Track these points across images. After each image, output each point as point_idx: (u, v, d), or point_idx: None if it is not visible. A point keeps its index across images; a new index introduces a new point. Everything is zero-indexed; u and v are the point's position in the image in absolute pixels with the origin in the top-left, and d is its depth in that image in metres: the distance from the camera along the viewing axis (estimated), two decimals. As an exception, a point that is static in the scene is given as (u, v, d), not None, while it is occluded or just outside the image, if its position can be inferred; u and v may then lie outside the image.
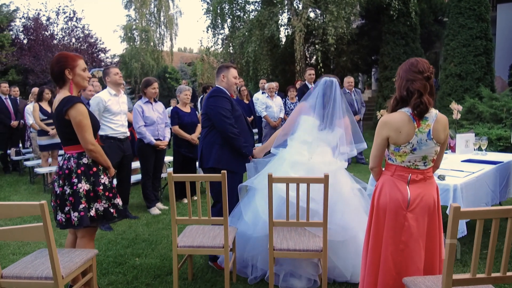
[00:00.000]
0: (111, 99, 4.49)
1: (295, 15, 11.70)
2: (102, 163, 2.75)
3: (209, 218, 2.74)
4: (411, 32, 12.13)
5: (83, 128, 2.57)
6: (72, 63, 2.64)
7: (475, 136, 4.77)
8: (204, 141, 3.49)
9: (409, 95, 2.13)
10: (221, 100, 3.40)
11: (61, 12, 22.18)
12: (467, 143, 4.68)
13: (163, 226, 4.58)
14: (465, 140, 4.68)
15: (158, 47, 30.18)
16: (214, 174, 2.66)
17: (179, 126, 5.42)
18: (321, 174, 3.12)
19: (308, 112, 3.26)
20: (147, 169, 5.11)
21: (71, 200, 2.60)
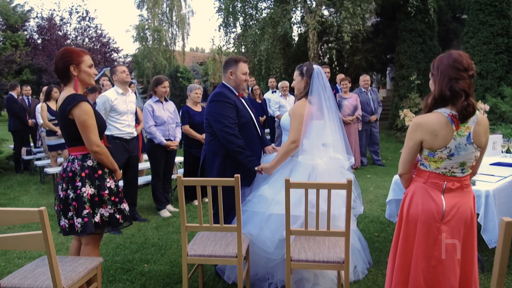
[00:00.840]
0: (118, 98, 4.33)
1: (308, 12, 11.45)
2: (108, 165, 2.58)
3: (221, 225, 2.55)
4: (428, 29, 11.77)
5: (88, 129, 2.40)
6: (78, 58, 2.48)
7: (502, 137, 4.49)
8: (207, 148, 3.18)
9: (453, 96, 1.89)
10: (223, 106, 3.01)
11: (74, 12, 22.33)
12: (494, 145, 4.40)
13: (173, 230, 4.41)
14: (492, 141, 4.39)
15: (170, 47, 30.21)
16: (227, 178, 2.46)
17: (189, 126, 5.26)
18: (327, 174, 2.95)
19: (320, 116, 3.01)
20: (157, 170, 4.96)
21: (75, 205, 2.43)
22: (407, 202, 2.05)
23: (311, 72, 3.04)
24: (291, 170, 2.95)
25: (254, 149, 3.15)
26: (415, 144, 1.99)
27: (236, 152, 2.98)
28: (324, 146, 3.00)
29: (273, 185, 2.88)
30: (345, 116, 7.05)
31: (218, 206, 2.51)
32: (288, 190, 2.38)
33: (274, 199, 2.75)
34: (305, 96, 3.04)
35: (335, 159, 2.96)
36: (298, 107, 3.00)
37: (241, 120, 3.08)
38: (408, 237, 2.01)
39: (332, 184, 2.39)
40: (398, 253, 2.05)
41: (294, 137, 2.94)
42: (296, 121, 2.96)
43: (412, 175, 2.13)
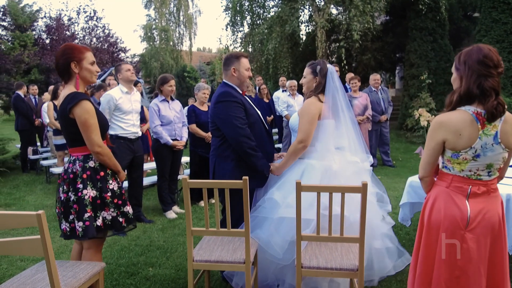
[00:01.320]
0: (122, 97, 4.24)
1: (317, 11, 11.30)
2: (111, 166, 2.47)
3: (228, 229, 2.43)
4: (439, 28, 11.54)
5: (89, 128, 2.29)
6: (79, 55, 2.38)
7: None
8: (216, 153, 2.97)
9: (482, 94, 1.75)
10: (232, 106, 2.79)
11: (81, 12, 22.37)
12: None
13: (179, 232, 4.30)
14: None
15: (177, 47, 30.26)
16: (234, 181, 2.34)
17: (196, 125, 5.15)
18: (342, 177, 2.82)
19: (334, 118, 2.87)
20: (163, 170, 4.85)
21: (76, 208, 2.33)
22: (429, 207, 1.92)
23: (325, 72, 2.91)
24: (302, 173, 2.81)
25: (265, 148, 3.01)
26: (437, 145, 1.85)
27: (248, 155, 2.81)
28: (339, 149, 2.86)
29: (283, 187, 2.76)
30: (355, 116, 6.88)
31: (226, 209, 2.39)
32: (299, 193, 2.25)
33: (284, 202, 2.63)
34: (315, 94, 2.90)
35: (352, 163, 2.82)
36: (307, 106, 2.86)
37: (250, 119, 2.91)
38: (430, 245, 1.88)
39: (346, 187, 2.26)
40: (419, 262, 1.91)
41: (302, 136, 2.80)
42: (305, 120, 2.82)
43: (433, 178, 1.99)
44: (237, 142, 2.81)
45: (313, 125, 2.80)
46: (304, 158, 2.90)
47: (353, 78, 7.18)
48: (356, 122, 2.98)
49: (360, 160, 2.88)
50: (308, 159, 2.88)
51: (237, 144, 2.82)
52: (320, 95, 2.88)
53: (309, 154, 2.89)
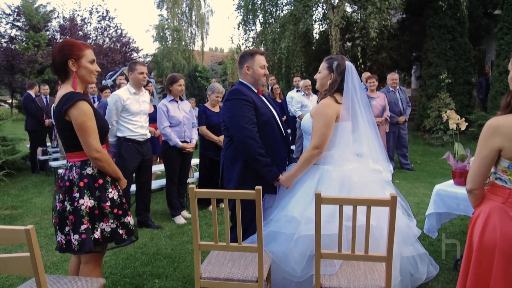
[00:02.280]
0: (130, 98, 4.04)
1: (331, 8, 10.99)
2: (111, 173, 2.26)
3: (239, 244, 2.19)
4: (458, 26, 11.11)
5: (86, 132, 2.08)
6: (78, 52, 2.17)
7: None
8: (225, 154, 2.81)
9: None
10: (240, 104, 2.62)
11: (94, 11, 22.43)
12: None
13: (187, 239, 4.09)
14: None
15: (189, 47, 30.23)
16: (246, 191, 2.10)
17: (206, 127, 4.93)
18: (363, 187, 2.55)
19: (352, 120, 2.60)
20: (172, 174, 4.65)
21: (71, 219, 2.12)
22: (480, 225, 1.64)
23: (342, 69, 2.64)
24: (318, 181, 2.55)
25: (278, 152, 2.76)
26: (490, 153, 1.58)
27: (253, 160, 2.60)
28: (358, 156, 2.60)
29: (301, 200, 2.50)
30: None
31: (236, 221, 2.16)
32: (319, 206, 2.01)
33: (304, 217, 2.37)
34: (331, 94, 2.64)
35: (374, 171, 2.56)
36: (323, 107, 2.60)
37: (261, 119, 2.69)
38: (482, 269, 1.61)
39: (373, 200, 2.00)
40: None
41: (318, 142, 2.54)
42: (320, 123, 2.56)
43: (484, 191, 1.71)
44: (242, 144, 2.61)
45: (329, 129, 2.54)
46: (319, 164, 2.64)
47: (371, 77, 6.88)
48: (376, 126, 2.71)
49: (382, 169, 2.61)
50: (323, 164, 2.62)
51: (242, 146, 2.62)
52: (336, 95, 2.61)
53: (324, 159, 2.63)
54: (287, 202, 2.58)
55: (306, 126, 2.70)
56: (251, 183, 2.65)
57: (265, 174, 2.61)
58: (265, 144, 2.67)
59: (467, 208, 3.03)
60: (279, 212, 2.59)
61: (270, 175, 2.61)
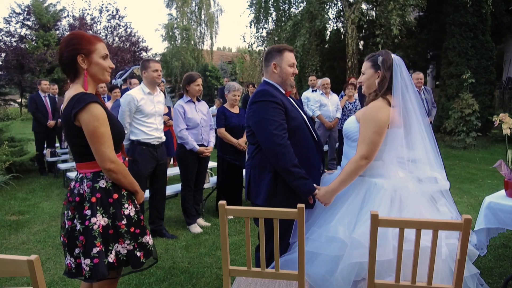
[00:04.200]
0: (144, 98, 3.74)
1: (347, 5, 10.62)
2: (127, 186, 1.96)
3: (276, 270, 1.87)
4: (480, 23, 10.64)
5: (99, 139, 1.78)
6: (88, 47, 1.87)
7: None
8: (252, 163, 2.47)
9: None
10: (268, 107, 2.31)
11: (104, 10, 22.30)
12: None
13: (205, 251, 3.78)
14: None
15: (199, 46, 30.06)
16: (287, 210, 1.78)
17: (225, 129, 4.63)
18: (419, 201, 2.23)
19: (404, 123, 2.27)
20: (188, 179, 4.34)
21: (82, 240, 1.82)
22: None
23: (390, 63, 2.31)
24: (364, 196, 2.22)
25: (312, 161, 2.43)
26: None
27: (285, 171, 2.26)
28: (412, 162, 2.27)
29: (344, 218, 2.16)
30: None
31: (274, 243, 1.84)
32: (375, 229, 1.68)
33: (351, 240, 2.03)
34: (382, 95, 2.31)
35: (430, 180, 2.22)
36: (374, 110, 2.26)
37: (292, 124, 2.36)
38: None
39: (442, 223, 1.66)
40: None
41: (367, 151, 2.20)
42: (371, 129, 2.22)
43: None
44: (272, 153, 2.28)
45: (381, 137, 2.21)
46: (364, 176, 2.31)
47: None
48: (431, 129, 2.37)
49: (440, 176, 2.27)
50: (370, 177, 2.29)
51: (272, 156, 2.29)
52: (389, 96, 2.28)
53: (371, 170, 2.29)
54: (328, 219, 2.25)
55: (350, 131, 2.37)
56: (283, 196, 2.35)
57: (299, 188, 2.28)
58: (297, 152, 2.35)
59: (525, 224, 2.69)
60: (317, 230, 2.26)
61: (305, 189, 2.28)
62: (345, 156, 2.43)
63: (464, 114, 9.19)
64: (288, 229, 2.32)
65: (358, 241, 1.99)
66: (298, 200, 2.29)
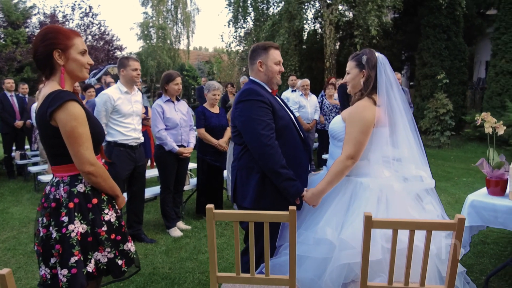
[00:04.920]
0: (121, 98, 3.59)
1: (325, 7, 10.68)
2: (107, 190, 1.84)
3: (266, 276, 1.80)
4: (453, 25, 10.94)
5: (77, 140, 1.66)
6: (65, 41, 1.75)
7: None
8: (238, 164, 2.39)
9: None
10: (255, 106, 2.24)
11: (76, 8, 21.64)
12: None
13: (186, 256, 3.67)
14: None
15: (175, 45, 29.70)
16: (278, 212, 1.72)
17: (205, 129, 4.52)
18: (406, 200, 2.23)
19: (390, 122, 2.25)
20: (167, 181, 4.21)
21: (59, 249, 1.69)
22: None
23: (374, 62, 2.28)
24: (351, 196, 2.19)
25: (300, 161, 2.37)
26: None
27: (272, 172, 2.20)
28: (398, 161, 2.25)
29: (332, 219, 2.12)
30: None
31: (265, 247, 1.77)
32: (368, 230, 1.63)
33: (340, 241, 1.99)
34: (368, 94, 2.28)
35: (416, 178, 2.21)
36: (360, 109, 2.23)
37: (279, 123, 2.30)
38: None
39: (435, 223, 1.63)
40: None
41: (353, 151, 2.17)
42: (357, 129, 2.19)
43: None
44: (259, 154, 2.21)
45: (368, 136, 2.18)
46: (350, 176, 2.27)
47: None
48: (416, 126, 2.36)
49: (426, 175, 2.26)
50: (356, 176, 2.26)
51: (259, 157, 2.22)
52: (374, 96, 2.25)
53: (356, 170, 2.26)
54: (315, 221, 2.20)
55: (336, 131, 2.32)
56: (271, 198, 2.28)
57: (286, 189, 2.21)
58: (285, 152, 2.28)
59: (507, 222, 2.72)
60: (304, 233, 2.21)
61: (293, 190, 2.21)
62: (331, 156, 2.39)
63: (439, 113, 9.40)
64: (274, 232, 2.26)
65: (346, 242, 1.94)
66: (286, 201, 2.23)
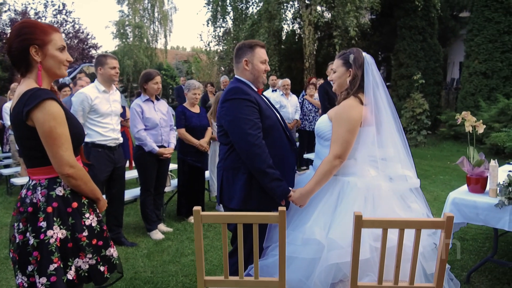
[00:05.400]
0: (99, 97, 3.48)
1: (304, 7, 10.73)
2: (88, 194, 1.76)
3: (256, 278, 1.76)
4: (429, 27, 11.22)
5: (56, 141, 1.57)
6: (42, 37, 1.65)
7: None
8: (224, 165, 2.33)
9: None
10: (242, 105, 2.20)
11: (49, 5, 21.00)
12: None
13: (169, 259, 3.58)
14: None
15: (152, 44, 29.29)
16: (268, 214, 1.68)
17: (185, 129, 4.44)
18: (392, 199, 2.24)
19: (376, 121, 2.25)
20: (147, 183, 4.11)
21: (37, 256, 1.60)
22: None
23: (361, 62, 2.28)
24: (338, 195, 2.18)
25: (287, 161, 2.35)
26: None
27: (259, 173, 2.15)
28: (384, 160, 2.25)
29: (320, 219, 2.10)
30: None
31: (254, 249, 1.73)
32: (359, 230, 1.62)
33: (328, 241, 1.97)
34: (354, 93, 2.27)
35: (401, 177, 2.22)
36: (346, 109, 2.22)
37: (266, 123, 2.26)
38: None
39: (424, 221, 1.64)
40: None
41: (340, 150, 2.16)
42: (344, 128, 2.18)
43: None
44: (246, 154, 2.17)
45: (355, 135, 2.17)
46: (338, 175, 2.26)
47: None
48: (401, 126, 2.37)
49: (411, 174, 2.28)
50: (343, 176, 2.25)
51: (246, 156, 2.17)
52: (361, 95, 2.25)
53: (343, 169, 2.25)
54: (303, 220, 2.17)
55: (323, 131, 2.31)
56: (258, 199, 2.24)
57: (274, 190, 2.17)
58: (272, 152, 2.25)
59: (488, 218, 2.78)
60: (292, 233, 2.18)
61: (279, 191, 2.18)
62: (317, 156, 2.37)
63: (415, 113, 9.59)
64: (262, 233, 2.22)
65: (335, 241, 1.93)
66: (273, 202, 2.20)
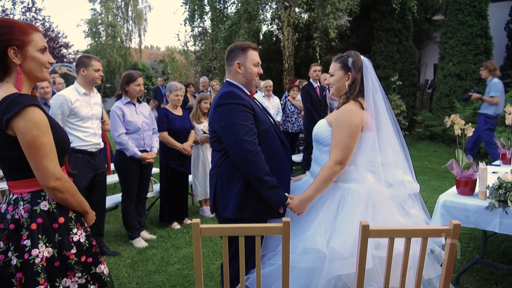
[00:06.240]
0: (79, 100, 3.30)
1: (283, 8, 10.71)
2: (75, 207, 1.63)
3: (256, 293, 1.67)
4: (404, 29, 11.44)
5: (40, 151, 1.44)
6: (22, 37, 1.51)
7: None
8: (218, 172, 2.23)
9: None
10: (236, 110, 2.11)
11: (18, 2, 20.17)
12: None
13: (154, 268, 3.44)
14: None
15: (126, 43, 28.64)
16: (271, 225, 1.60)
17: (168, 133, 4.30)
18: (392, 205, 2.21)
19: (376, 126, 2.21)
20: (129, 189, 3.95)
21: (20, 278, 1.46)
22: None
23: (360, 65, 2.23)
24: (339, 203, 2.12)
25: (282, 167, 2.27)
26: None
27: (256, 180, 2.07)
28: (383, 166, 2.21)
29: (320, 227, 2.03)
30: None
31: (256, 260, 1.65)
32: (365, 240, 1.56)
33: (331, 251, 1.90)
34: (354, 97, 2.22)
35: (400, 183, 2.18)
36: (347, 113, 2.16)
37: (261, 128, 2.17)
38: None
39: (430, 230, 1.60)
40: None
41: (341, 156, 2.09)
42: (344, 133, 2.11)
43: None
44: (242, 161, 2.07)
45: (355, 140, 2.12)
46: (338, 182, 2.20)
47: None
48: (400, 131, 2.34)
49: (411, 179, 2.24)
50: (343, 182, 2.19)
51: (242, 164, 2.08)
52: (361, 99, 2.20)
53: (343, 176, 2.19)
54: (302, 228, 2.10)
55: (322, 136, 2.24)
56: (253, 208, 2.15)
57: (271, 198, 2.09)
58: (267, 158, 2.17)
59: (478, 221, 2.79)
60: (290, 241, 2.10)
61: (277, 199, 2.09)
62: (316, 162, 2.31)
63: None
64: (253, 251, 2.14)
65: (337, 251, 1.87)
66: (270, 210, 2.12)
